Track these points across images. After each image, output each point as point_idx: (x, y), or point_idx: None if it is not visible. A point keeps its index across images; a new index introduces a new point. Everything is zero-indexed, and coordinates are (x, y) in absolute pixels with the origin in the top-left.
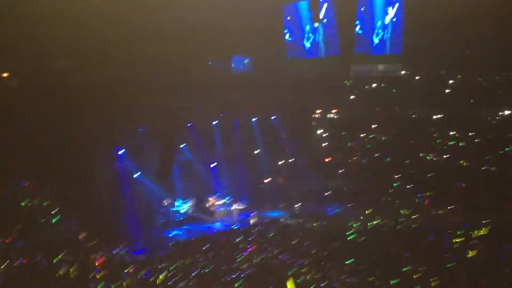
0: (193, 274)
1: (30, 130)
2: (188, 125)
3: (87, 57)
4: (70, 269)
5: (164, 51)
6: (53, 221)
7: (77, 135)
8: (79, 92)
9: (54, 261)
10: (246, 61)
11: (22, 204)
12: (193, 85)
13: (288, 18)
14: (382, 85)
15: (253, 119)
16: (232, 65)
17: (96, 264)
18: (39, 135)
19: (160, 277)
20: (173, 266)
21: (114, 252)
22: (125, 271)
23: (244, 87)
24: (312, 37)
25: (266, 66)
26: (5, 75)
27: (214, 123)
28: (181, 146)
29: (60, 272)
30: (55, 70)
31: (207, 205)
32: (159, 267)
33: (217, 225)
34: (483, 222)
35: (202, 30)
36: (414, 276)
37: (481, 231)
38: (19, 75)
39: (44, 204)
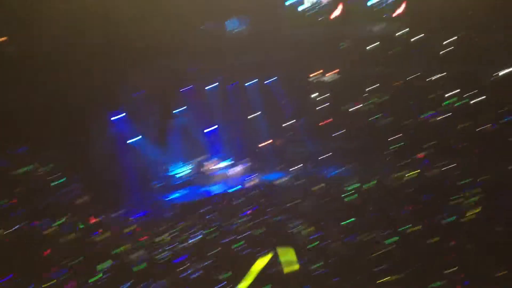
0: (192, 236)
1: (28, 95)
2: (185, 88)
3: (84, 21)
4: (72, 232)
5: (160, 13)
6: (53, 185)
7: (75, 100)
8: (76, 57)
9: (57, 223)
10: (242, 22)
11: (22, 170)
12: (189, 48)
13: None
14: (381, 45)
15: (251, 82)
16: (228, 26)
17: (96, 227)
18: (37, 100)
19: (159, 240)
20: (173, 230)
21: (113, 215)
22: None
23: (240, 49)
24: None
25: (263, 28)
26: (2, 39)
27: (211, 86)
28: (178, 109)
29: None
30: (52, 33)
31: (206, 168)
32: (159, 229)
33: (216, 187)
34: (481, 180)
35: None
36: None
37: (478, 190)
38: (16, 39)
39: (43, 169)
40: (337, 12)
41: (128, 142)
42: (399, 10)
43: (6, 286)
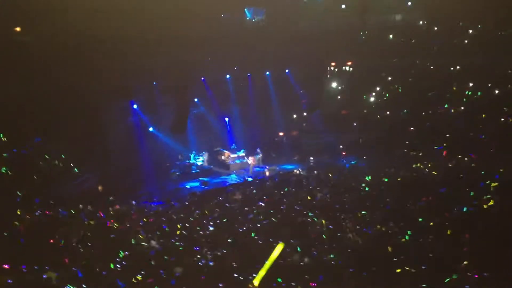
0: (209, 225)
1: (45, 87)
2: (202, 79)
3: (101, 13)
4: (90, 221)
5: (176, 5)
6: (72, 174)
7: (93, 91)
8: (93, 48)
9: (74, 212)
10: (259, 13)
11: (38, 160)
12: (206, 39)
13: None
14: (399, 36)
15: (267, 72)
16: (245, 17)
17: (114, 215)
18: (54, 91)
19: (175, 228)
20: (190, 218)
21: (131, 203)
22: (143, 221)
23: (257, 40)
24: None
25: (280, 18)
26: (20, 31)
27: (227, 76)
28: (195, 100)
29: (80, 223)
30: (67, 25)
31: (222, 158)
32: (176, 218)
33: (232, 177)
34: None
35: None
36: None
37: (496, 184)
38: (34, 33)
39: (61, 158)
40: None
41: (150, 130)
42: None
43: (23, 274)
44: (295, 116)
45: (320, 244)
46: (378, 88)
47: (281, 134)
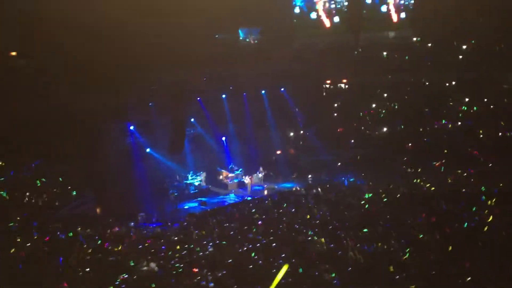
0: (208, 246)
1: (42, 108)
2: (198, 99)
3: (95, 33)
4: (89, 243)
5: (171, 25)
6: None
7: (88, 112)
8: (89, 69)
9: (71, 235)
10: (254, 32)
11: (37, 182)
12: (201, 59)
13: None
14: (393, 53)
15: (262, 91)
16: (240, 36)
17: (112, 237)
18: (51, 113)
19: (175, 249)
20: (188, 238)
21: (129, 225)
22: (141, 244)
23: (252, 58)
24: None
25: (274, 37)
26: (14, 54)
27: (223, 96)
28: (191, 120)
29: (79, 246)
30: (64, 47)
31: (219, 177)
32: (174, 239)
33: (230, 197)
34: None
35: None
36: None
37: (495, 198)
38: (30, 54)
39: (58, 181)
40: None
41: (145, 150)
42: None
43: None
44: (291, 134)
45: (320, 262)
46: (374, 105)
47: (278, 152)
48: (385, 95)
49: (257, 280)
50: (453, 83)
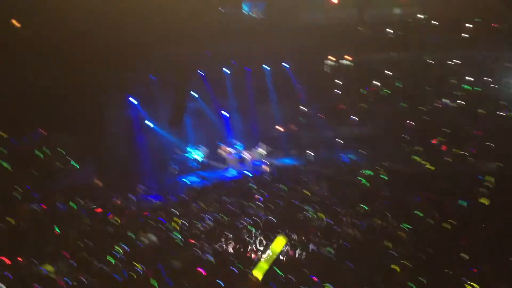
0: (207, 219)
1: (44, 80)
2: (200, 73)
3: (98, 7)
4: (89, 214)
5: None
6: (70, 168)
7: (91, 84)
8: (91, 42)
9: (72, 206)
10: (257, 6)
11: (38, 153)
12: (204, 33)
13: None
14: (398, 30)
15: (266, 67)
16: (243, 10)
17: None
18: (53, 85)
19: (173, 223)
20: (188, 212)
21: (129, 197)
22: (141, 216)
23: (255, 34)
24: None
25: (278, 12)
26: (18, 25)
27: (225, 70)
28: (192, 94)
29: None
30: (66, 20)
31: (220, 152)
32: (174, 212)
33: (230, 172)
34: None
35: None
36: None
37: (493, 179)
38: (32, 25)
39: (59, 152)
40: None
41: (145, 122)
42: None
43: (20, 267)
44: (294, 110)
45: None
46: (376, 83)
47: (279, 128)
48: (388, 72)
49: (256, 254)
50: (457, 62)
